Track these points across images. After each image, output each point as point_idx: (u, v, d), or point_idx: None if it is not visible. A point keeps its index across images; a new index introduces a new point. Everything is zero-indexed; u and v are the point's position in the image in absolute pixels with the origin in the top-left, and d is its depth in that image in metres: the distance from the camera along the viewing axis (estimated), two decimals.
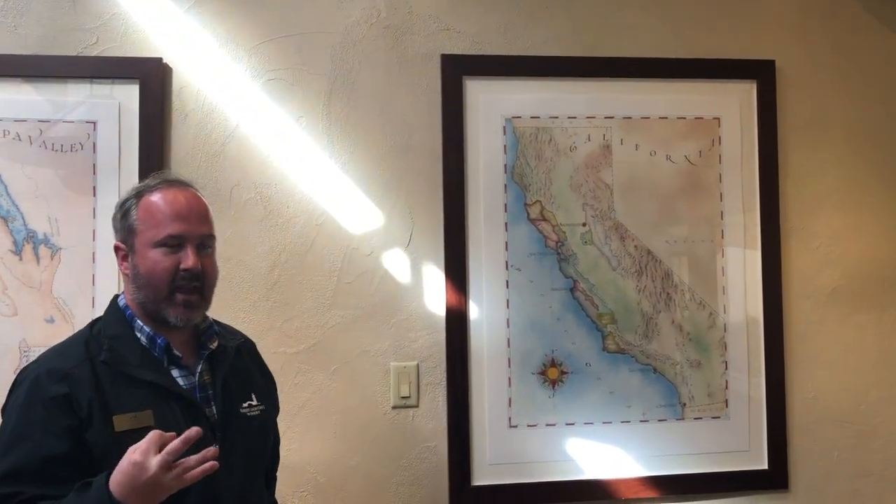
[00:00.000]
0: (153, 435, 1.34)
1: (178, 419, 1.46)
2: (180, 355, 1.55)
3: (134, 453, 1.33)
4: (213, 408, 1.55)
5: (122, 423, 1.44)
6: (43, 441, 1.41)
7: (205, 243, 1.56)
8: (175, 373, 1.54)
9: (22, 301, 2.08)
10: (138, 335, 1.54)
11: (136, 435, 1.42)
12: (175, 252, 1.51)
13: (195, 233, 1.53)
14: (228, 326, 1.76)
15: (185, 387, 1.54)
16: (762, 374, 2.37)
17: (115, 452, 1.41)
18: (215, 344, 1.61)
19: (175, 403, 1.50)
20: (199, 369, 1.56)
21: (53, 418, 1.42)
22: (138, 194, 1.56)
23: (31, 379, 1.47)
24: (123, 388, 1.47)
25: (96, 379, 1.46)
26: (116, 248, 1.57)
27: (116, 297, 1.61)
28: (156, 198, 1.53)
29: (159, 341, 1.53)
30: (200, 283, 1.53)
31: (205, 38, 2.20)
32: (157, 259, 1.50)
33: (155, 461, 1.31)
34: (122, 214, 1.56)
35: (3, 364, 2.06)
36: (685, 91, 2.38)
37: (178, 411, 1.49)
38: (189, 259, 1.51)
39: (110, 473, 1.34)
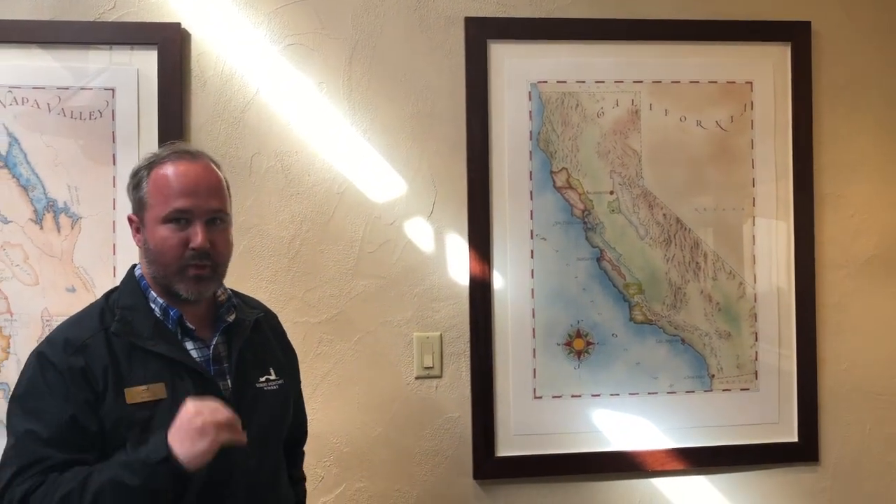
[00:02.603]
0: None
1: (190, 392, 1.44)
2: (193, 328, 1.53)
3: (187, 408, 1.37)
4: (228, 381, 1.53)
5: (134, 395, 1.43)
6: (65, 409, 1.41)
7: (215, 217, 1.51)
8: (189, 345, 1.52)
9: (43, 270, 2.07)
10: (152, 306, 1.52)
11: (148, 408, 1.43)
12: (183, 228, 1.48)
13: (203, 207, 1.49)
14: (250, 299, 1.74)
15: (198, 360, 1.52)
16: (793, 346, 2.32)
17: (126, 424, 1.42)
18: (232, 317, 1.58)
19: (188, 376, 1.48)
20: (213, 342, 1.54)
21: (72, 389, 1.42)
22: (149, 165, 1.52)
23: (49, 348, 1.47)
24: (137, 360, 1.46)
25: (110, 349, 1.45)
26: (130, 220, 1.55)
27: (134, 266, 1.59)
28: (165, 171, 1.50)
29: (172, 313, 1.51)
30: (211, 260, 1.50)
31: (223, 2, 2.16)
32: (165, 235, 1.48)
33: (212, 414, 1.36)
34: (135, 185, 1.53)
35: (26, 333, 2.06)
36: (717, 54, 2.30)
37: (190, 384, 1.47)
38: (197, 237, 1.47)
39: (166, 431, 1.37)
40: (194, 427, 1.35)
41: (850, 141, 2.36)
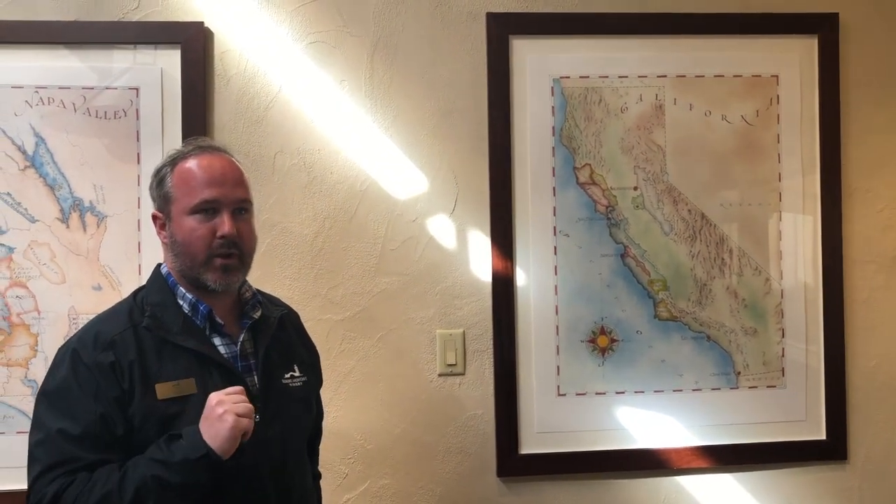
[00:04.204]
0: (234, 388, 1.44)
1: (219, 388, 1.45)
2: (223, 323, 1.54)
3: (211, 399, 1.40)
4: (255, 378, 1.54)
5: (164, 390, 1.44)
6: (95, 407, 1.42)
7: (241, 208, 1.53)
8: (216, 341, 1.53)
9: (70, 269, 2.09)
10: (181, 302, 1.53)
11: (179, 403, 1.44)
12: (210, 218, 1.50)
13: (230, 197, 1.51)
14: (272, 297, 1.75)
15: (226, 356, 1.52)
16: (820, 342, 2.29)
17: (156, 420, 1.43)
18: (258, 313, 1.59)
19: (216, 372, 1.49)
20: (241, 338, 1.55)
21: (102, 386, 1.43)
22: (172, 162, 1.54)
23: (77, 345, 1.47)
24: (166, 356, 1.47)
25: (139, 345, 1.46)
26: (154, 217, 1.56)
27: (160, 265, 1.59)
28: (189, 164, 1.52)
29: (202, 308, 1.52)
30: (238, 249, 1.51)
31: (246, 0, 2.17)
32: (192, 226, 1.49)
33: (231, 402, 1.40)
34: (158, 182, 1.54)
35: (53, 331, 2.08)
36: (742, 48, 2.28)
37: (219, 380, 1.48)
38: (225, 225, 1.49)
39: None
40: (216, 416, 1.38)
41: (878, 134, 2.32)
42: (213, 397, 1.40)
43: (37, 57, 2.10)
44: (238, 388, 1.44)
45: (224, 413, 1.37)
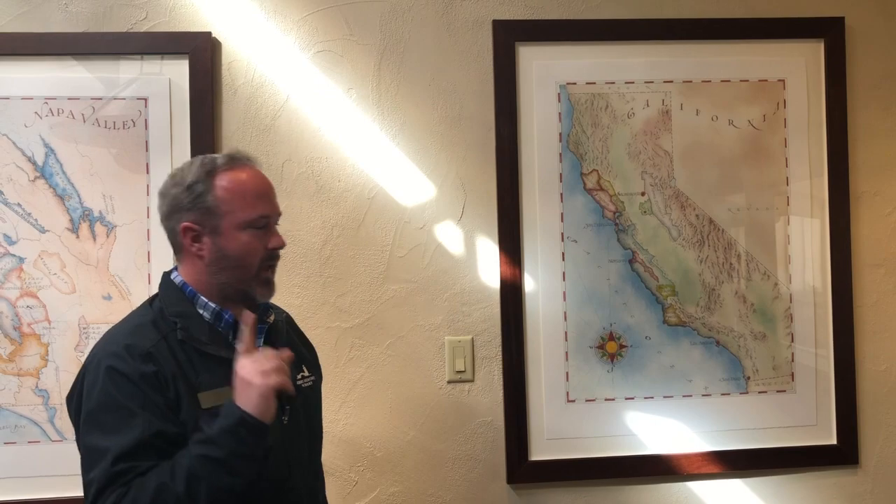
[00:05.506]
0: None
1: None
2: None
3: (240, 363, 1.41)
4: None
5: (207, 399, 1.44)
6: (144, 416, 1.38)
7: (277, 220, 1.59)
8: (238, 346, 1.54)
9: (80, 278, 2.10)
10: (201, 311, 1.52)
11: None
12: (263, 232, 1.52)
13: (276, 211, 1.57)
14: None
15: None
16: (830, 346, 2.28)
17: (199, 428, 1.41)
18: (272, 318, 1.61)
19: None
20: (260, 343, 1.56)
21: (149, 396, 1.40)
22: (209, 173, 1.51)
23: (112, 358, 1.42)
24: (201, 366, 1.46)
25: (174, 357, 1.45)
26: (188, 229, 1.50)
27: (168, 274, 1.57)
28: (237, 177, 1.51)
29: (227, 317, 1.52)
30: (276, 262, 1.56)
31: (252, 10, 2.18)
32: (248, 240, 1.50)
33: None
34: (196, 195, 1.50)
35: (64, 341, 2.09)
36: (748, 52, 2.28)
37: None
38: (278, 238, 1.54)
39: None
40: (247, 377, 1.38)
41: (885, 137, 2.32)
42: (241, 363, 1.41)
43: (46, 68, 2.12)
44: (265, 351, 1.45)
45: (249, 376, 1.38)
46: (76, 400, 1.46)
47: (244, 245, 1.50)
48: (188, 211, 1.50)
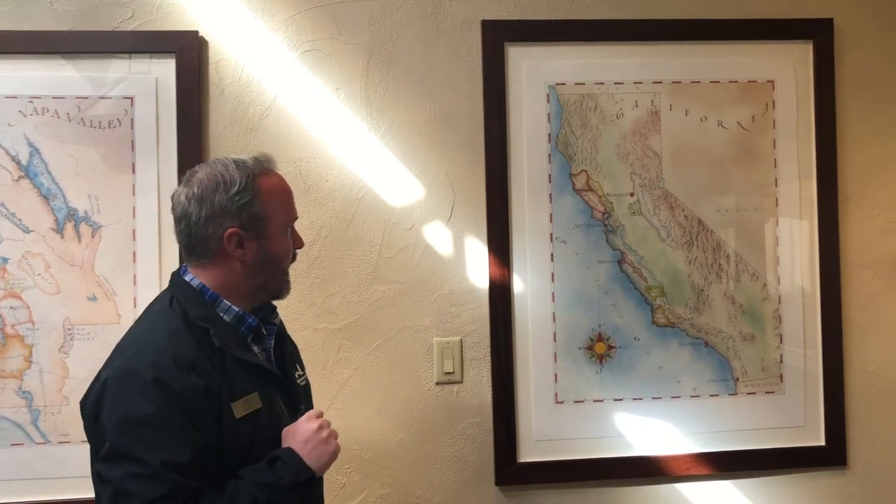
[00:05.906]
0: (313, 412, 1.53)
1: (273, 396, 1.49)
2: (265, 333, 1.57)
3: (310, 422, 1.49)
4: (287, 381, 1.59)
5: (239, 408, 1.42)
6: (196, 434, 1.35)
7: None
8: (255, 349, 1.55)
9: (64, 279, 2.08)
10: (223, 315, 1.49)
11: (251, 420, 1.43)
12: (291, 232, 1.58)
13: (297, 213, 1.62)
14: None
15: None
16: (818, 348, 2.28)
17: (238, 439, 1.41)
18: (278, 318, 1.63)
19: (267, 381, 1.50)
20: (272, 343, 1.58)
21: (201, 412, 1.37)
22: (252, 177, 1.49)
23: (156, 372, 1.36)
24: (233, 372, 1.44)
25: (213, 364, 1.42)
26: (234, 234, 1.47)
27: (181, 276, 1.52)
28: (274, 181, 1.55)
29: (250, 320, 1.52)
30: None
31: (240, 9, 2.16)
32: (287, 243, 1.55)
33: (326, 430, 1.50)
34: (244, 202, 1.47)
35: (48, 342, 2.07)
36: (737, 53, 2.28)
37: (271, 389, 1.51)
38: (300, 238, 1.60)
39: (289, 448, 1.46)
40: (321, 439, 1.47)
41: (874, 139, 2.32)
42: (311, 421, 1.48)
43: (31, 66, 2.09)
44: (318, 410, 1.54)
45: (329, 437, 1.47)
46: (106, 408, 1.37)
47: (286, 247, 1.55)
48: (234, 216, 1.47)
